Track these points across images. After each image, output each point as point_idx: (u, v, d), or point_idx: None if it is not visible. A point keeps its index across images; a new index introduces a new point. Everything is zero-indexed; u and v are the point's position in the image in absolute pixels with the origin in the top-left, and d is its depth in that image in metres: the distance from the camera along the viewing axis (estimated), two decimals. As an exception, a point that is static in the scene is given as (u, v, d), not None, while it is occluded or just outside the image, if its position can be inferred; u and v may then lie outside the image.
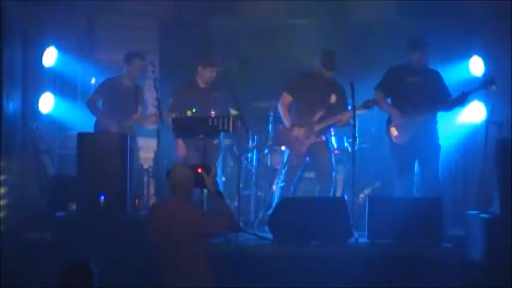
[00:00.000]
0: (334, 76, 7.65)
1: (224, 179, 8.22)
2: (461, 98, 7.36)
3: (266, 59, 8.70)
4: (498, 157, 6.39)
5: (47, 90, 8.30)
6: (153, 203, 6.06)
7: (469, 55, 8.20)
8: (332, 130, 8.25)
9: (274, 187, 7.93)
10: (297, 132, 7.67)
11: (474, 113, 7.96)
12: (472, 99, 7.69)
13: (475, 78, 8.04)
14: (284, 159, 7.83)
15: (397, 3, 8.64)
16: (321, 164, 7.68)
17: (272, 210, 7.23)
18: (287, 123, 7.74)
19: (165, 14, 8.85)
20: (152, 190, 8.41)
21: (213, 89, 7.81)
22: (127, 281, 5.92)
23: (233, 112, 7.33)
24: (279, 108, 7.79)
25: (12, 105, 7.75)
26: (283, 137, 7.90)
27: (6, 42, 7.25)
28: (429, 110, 7.35)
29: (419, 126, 7.33)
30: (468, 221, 6.65)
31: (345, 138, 8.25)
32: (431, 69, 7.64)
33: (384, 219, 6.63)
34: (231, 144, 8.35)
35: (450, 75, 7.95)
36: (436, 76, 7.57)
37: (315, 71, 7.68)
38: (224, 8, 8.62)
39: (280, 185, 7.73)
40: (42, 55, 8.19)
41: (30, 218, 6.97)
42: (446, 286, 6.29)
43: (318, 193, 7.68)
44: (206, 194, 6.37)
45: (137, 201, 7.27)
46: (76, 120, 8.16)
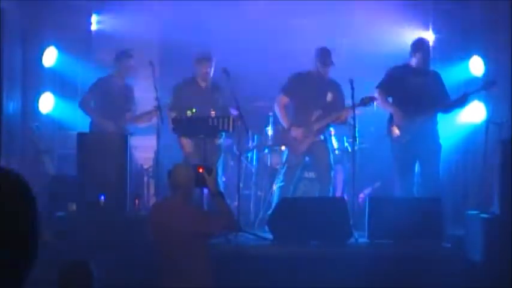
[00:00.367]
0: (330, 74, 7.67)
1: (224, 179, 8.21)
2: (461, 99, 7.35)
3: (266, 59, 8.68)
4: (499, 158, 6.39)
5: (47, 90, 8.30)
6: (154, 203, 6.06)
7: (469, 55, 8.20)
8: (332, 130, 8.25)
9: (274, 187, 7.93)
10: (295, 132, 7.68)
11: (474, 113, 7.95)
12: (472, 99, 7.68)
13: (475, 78, 8.04)
14: (283, 159, 7.84)
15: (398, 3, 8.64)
16: (320, 164, 7.68)
17: (272, 210, 7.23)
18: (285, 123, 7.76)
19: (165, 14, 8.84)
20: (152, 190, 8.40)
21: (214, 88, 7.78)
22: (127, 281, 5.92)
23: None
24: (276, 109, 7.81)
25: (12, 105, 7.76)
26: (281, 137, 7.91)
27: (6, 42, 7.26)
28: (429, 111, 7.35)
29: (420, 126, 7.32)
30: (468, 221, 6.65)
31: (345, 138, 8.25)
32: (432, 70, 7.64)
33: (384, 219, 6.63)
34: (231, 144, 8.35)
35: (450, 75, 7.95)
36: (437, 77, 7.56)
37: (311, 71, 7.71)
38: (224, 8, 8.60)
39: (279, 185, 7.73)
40: (42, 55, 8.18)
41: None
42: (446, 286, 6.28)
43: (318, 193, 7.69)
44: (207, 194, 6.37)
45: (137, 201, 7.27)
46: (76, 120, 8.15)
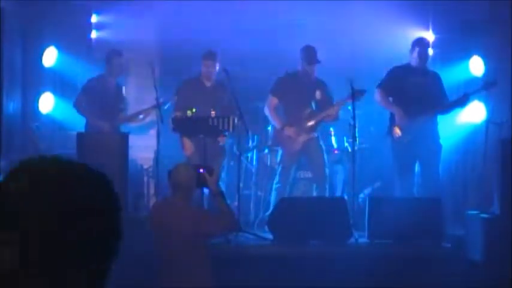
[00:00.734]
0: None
1: (224, 179, 8.20)
2: (462, 100, 7.36)
3: (266, 59, 8.68)
4: (499, 158, 6.39)
5: (47, 90, 8.29)
6: (154, 203, 6.06)
7: (469, 55, 8.20)
8: (332, 130, 8.25)
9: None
10: (289, 130, 7.70)
11: (474, 113, 7.94)
12: (472, 99, 7.69)
13: (475, 78, 8.04)
14: (278, 159, 7.86)
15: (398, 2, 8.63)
16: (315, 162, 7.72)
17: (272, 210, 7.23)
18: (277, 124, 7.79)
19: (165, 14, 8.83)
20: (152, 190, 8.40)
21: (218, 87, 7.76)
22: (127, 281, 5.90)
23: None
24: (266, 111, 7.84)
25: (12, 105, 7.75)
26: (276, 138, 7.92)
27: (6, 42, 7.25)
28: (430, 111, 7.35)
29: (420, 126, 7.32)
30: (468, 221, 6.66)
31: (345, 138, 8.24)
32: (431, 70, 7.65)
33: (384, 219, 6.64)
34: (231, 144, 8.34)
35: (450, 75, 7.95)
36: (436, 78, 7.57)
37: (298, 70, 7.79)
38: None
39: (275, 186, 7.74)
40: (42, 55, 8.17)
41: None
42: (446, 286, 6.29)
43: (315, 191, 7.71)
44: (208, 194, 6.37)
45: (137, 201, 7.27)
46: (76, 120, 8.14)
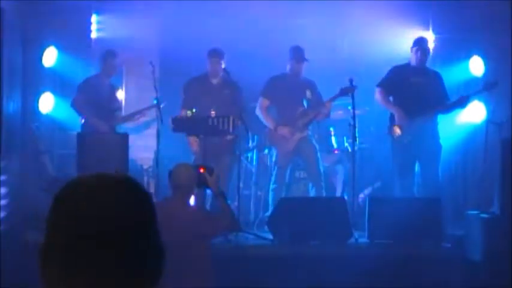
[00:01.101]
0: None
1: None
2: (462, 100, 7.36)
3: (266, 59, 8.67)
4: (499, 158, 6.39)
5: (47, 90, 8.28)
6: (154, 203, 6.05)
7: (469, 55, 8.20)
8: (332, 130, 8.26)
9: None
10: (282, 130, 7.72)
11: (474, 113, 7.94)
12: (472, 99, 7.69)
13: (475, 78, 8.04)
14: (273, 159, 7.88)
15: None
16: (308, 161, 7.76)
17: (272, 210, 7.23)
18: (270, 124, 7.81)
19: (165, 14, 8.83)
20: (152, 190, 8.38)
21: (225, 85, 7.73)
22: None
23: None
24: (258, 112, 7.86)
25: (12, 105, 7.74)
26: (270, 138, 7.93)
27: (6, 42, 7.24)
28: (430, 111, 7.34)
29: (420, 126, 7.32)
30: (468, 221, 6.66)
31: (345, 138, 8.25)
32: (432, 70, 7.65)
33: (384, 219, 6.63)
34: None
35: (450, 75, 7.94)
36: (437, 78, 7.57)
37: (287, 71, 7.84)
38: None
39: (272, 187, 7.74)
40: (42, 55, 8.17)
41: (30, 218, 6.95)
42: (446, 286, 6.29)
43: (311, 191, 7.72)
44: (208, 194, 6.37)
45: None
46: (76, 120, 8.14)
